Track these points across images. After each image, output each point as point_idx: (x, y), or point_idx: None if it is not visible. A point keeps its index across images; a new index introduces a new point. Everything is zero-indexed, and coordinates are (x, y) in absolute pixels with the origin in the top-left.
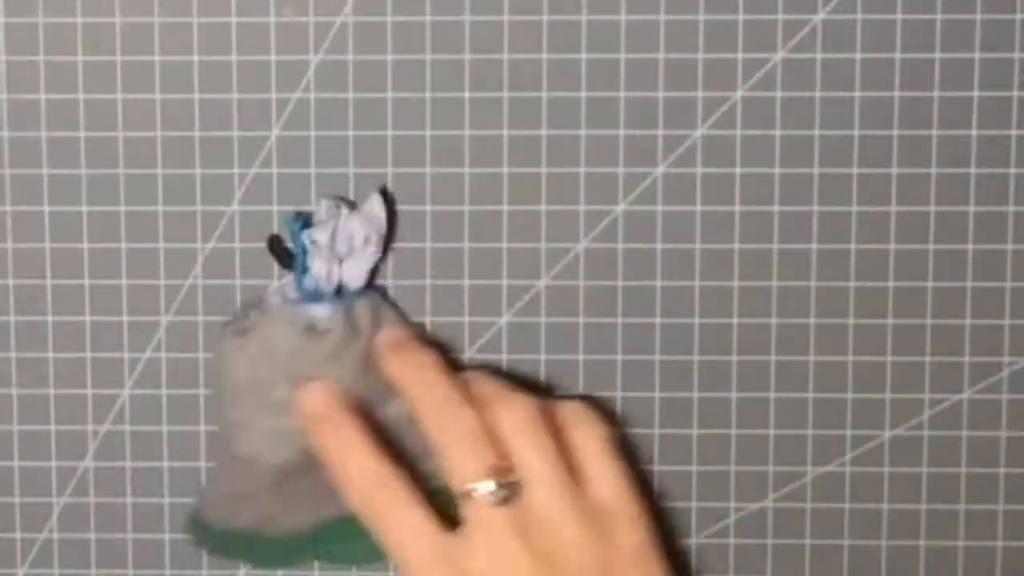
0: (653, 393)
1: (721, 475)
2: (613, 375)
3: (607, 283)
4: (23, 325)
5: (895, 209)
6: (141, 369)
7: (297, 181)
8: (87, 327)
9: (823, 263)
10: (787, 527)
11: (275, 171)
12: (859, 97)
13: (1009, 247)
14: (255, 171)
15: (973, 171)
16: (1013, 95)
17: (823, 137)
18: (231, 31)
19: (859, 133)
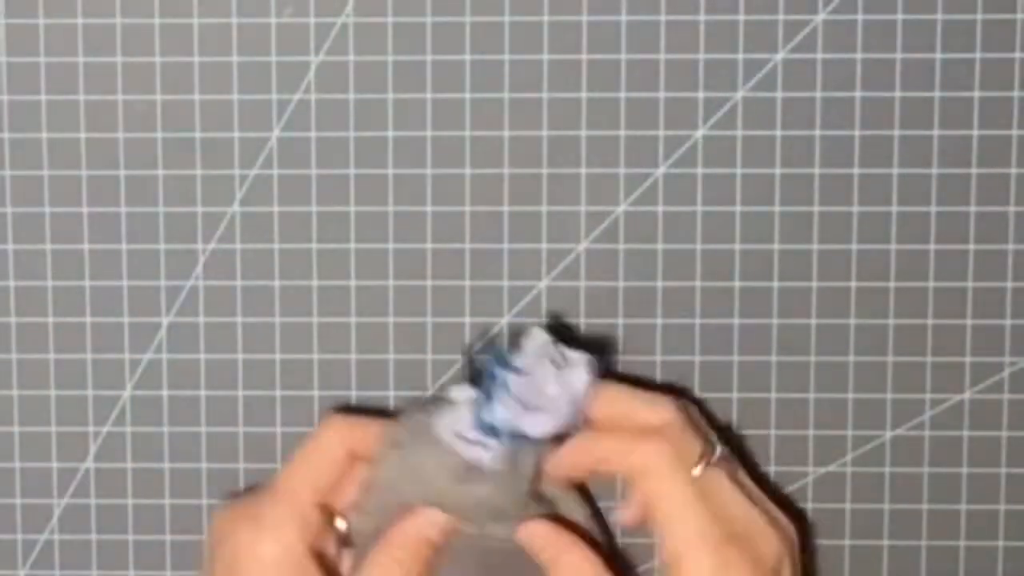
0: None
1: None
2: (614, 375)
3: (608, 284)
4: (24, 326)
5: (896, 209)
6: (142, 370)
7: (298, 182)
8: (88, 328)
9: (824, 263)
10: None
11: (276, 172)
12: (860, 97)
13: (1010, 247)
14: (256, 172)
15: (974, 171)
16: (1014, 95)
17: (824, 137)
18: (232, 32)
19: (860, 133)
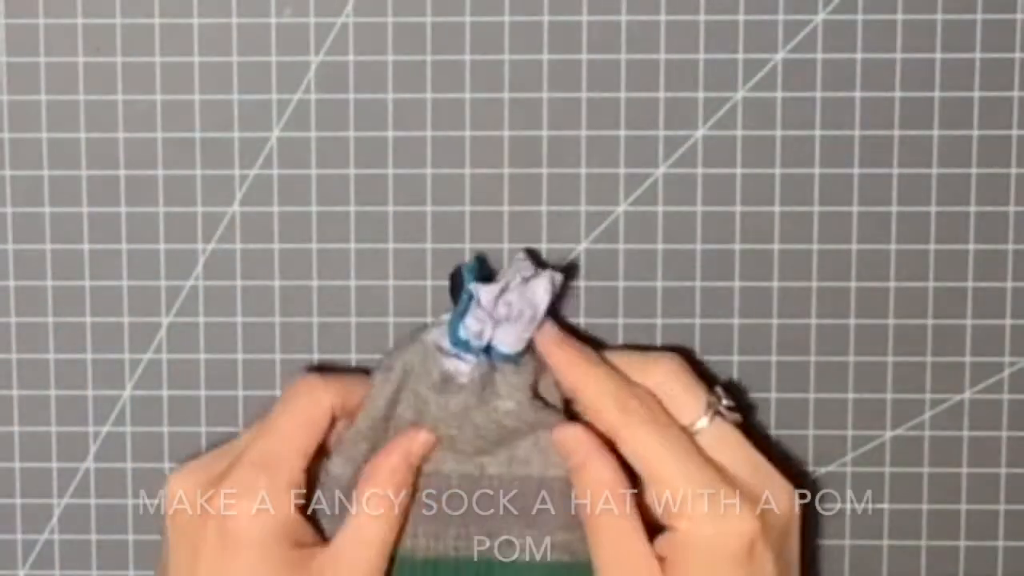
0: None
1: None
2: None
3: (608, 284)
4: (24, 326)
5: (896, 209)
6: (142, 370)
7: (298, 182)
8: (88, 328)
9: (823, 263)
10: None
11: (276, 172)
12: (860, 97)
13: (1010, 247)
14: (256, 172)
15: (974, 171)
16: (1014, 95)
17: (824, 137)
18: (231, 32)
19: (860, 133)
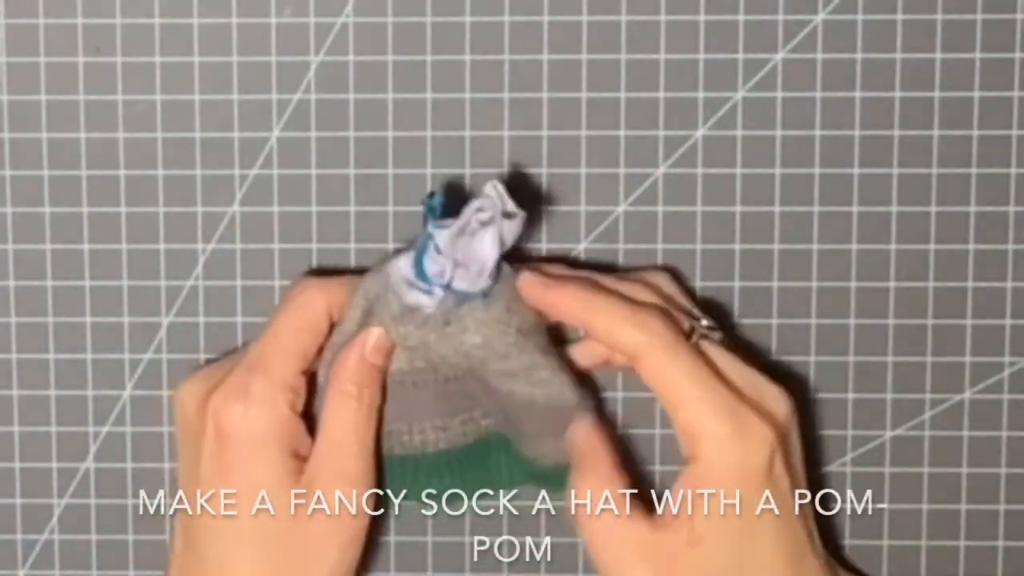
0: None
1: None
2: (615, 375)
3: None
4: (24, 326)
5: (896, 209)
6: (142, 370)
7: (298, 182)
8: (88, 328)
9: (824, 263)
10: None
11: (276, 172)
12: (860, 97)
13: (1010, 247)
14: (256, 172)
15: (974, 171)
16: (1013, 95)
17: (824, 137)
18: (231, 32)
19: (860, 133)
